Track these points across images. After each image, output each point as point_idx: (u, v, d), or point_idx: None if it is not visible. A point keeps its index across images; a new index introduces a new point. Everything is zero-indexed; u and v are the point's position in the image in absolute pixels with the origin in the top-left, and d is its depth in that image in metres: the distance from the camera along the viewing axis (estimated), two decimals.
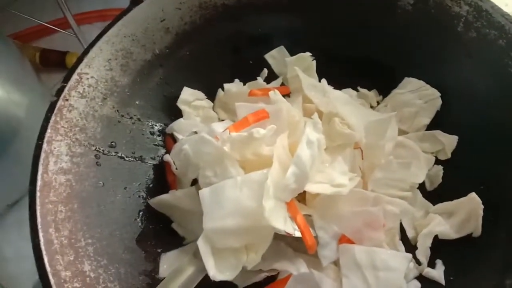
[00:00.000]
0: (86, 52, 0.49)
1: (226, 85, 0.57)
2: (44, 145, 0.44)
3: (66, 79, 0.47)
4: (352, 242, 0.45)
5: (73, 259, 0.42)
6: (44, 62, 0.85)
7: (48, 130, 0.45)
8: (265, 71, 0.60)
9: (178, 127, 0.54)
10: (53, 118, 0.45)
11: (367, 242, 0.44)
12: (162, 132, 0.57)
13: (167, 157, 0.52)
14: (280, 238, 0.46)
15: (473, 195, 0.47)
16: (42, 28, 0.88)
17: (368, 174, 0.49)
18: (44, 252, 0.40)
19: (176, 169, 0.52)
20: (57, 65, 0.85)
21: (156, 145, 0.56)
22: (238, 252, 0.42)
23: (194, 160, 0.48)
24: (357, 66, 0.57)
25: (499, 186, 0.48)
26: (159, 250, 0.50)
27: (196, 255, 0.43)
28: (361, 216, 0.44)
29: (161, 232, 0.52)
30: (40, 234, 0.40)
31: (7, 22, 0.89)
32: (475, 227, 0.47)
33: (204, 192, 0.43)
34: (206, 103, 0.57)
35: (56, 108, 0.46)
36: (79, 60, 0.48)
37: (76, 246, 0.43)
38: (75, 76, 0.47)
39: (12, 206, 0.71)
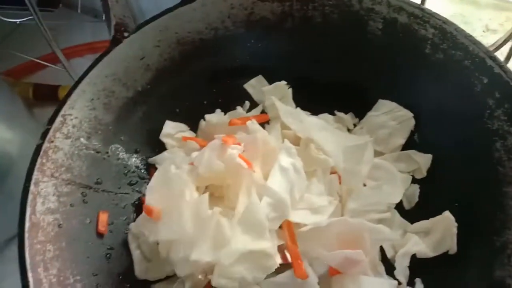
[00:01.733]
0: (68, 94, 0.50)
1: (207, 116, 0.59)
2: (32, 187, 0.45)
3: (51, 122, 0.49)
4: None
5: None
6: (38, 96, 0.87)
7: (35, 172, 0.46)
8: (247, 103, 0.61)
9: (161, 160, 0.56)
10: (39, 160, 0.47)
11: (352, 270, 0.45)
12: (147, 166, 0.58)
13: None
14: None
15: (446, 213, 0.48)
16: (34, 64, 0.90)
17: (346, 198, 0.50)
18: None
19: None
20: (50, 98, 0.87)
21: (141, 178, 0.57)
22: None
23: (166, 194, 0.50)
24: (332, 90, 0.58)
25: (472, 203, 0.49)
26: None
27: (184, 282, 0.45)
28: (343, 256, 0.44)
29: None
30: (29, 275, 0.42)
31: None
32: (451, 245, 0.48)
33: None
34: (189, 134, 0.59)
35: (42, 150, 0.47)
36: (62, 102, 0.50)
37: (65, 284, 0.44)
38: (59, 118, 0.49)
39: (9, 241, 0.73)
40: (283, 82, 0.58)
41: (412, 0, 0.53)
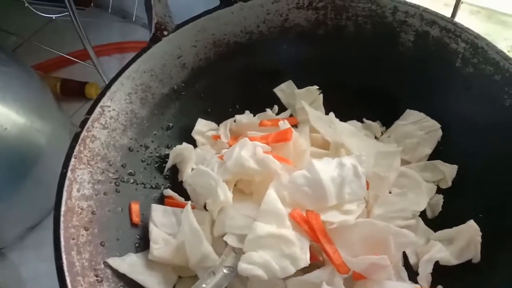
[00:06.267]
0: (108, 86, 0.52)
1: (237, 116, 0.60)
2: (68, 173, 0.47)
3: (90, 112, 0.51)
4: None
5: (93, 281, 0.45)
6: (65, 91, 0.89)
7: (72, 159, 0.48)
8: (276, 107, 0.63)
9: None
10: (77, 148, 0.48)
11: (377, 275, 0.46)
12: None
13: (168, 192, 0.56)
14: None
15: (471, 222, 0.49)
16: (63, 59, 0.93)
17: (372, 204, 0.51)
18: (66, 274, 0.42)
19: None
20: (76, 94, 0.89)
21: (172, 173, 0.59)
22: None
23: (199, 190, 0.52)
24: (360, 98, 0.60)
25: (497, 213, 0.50)
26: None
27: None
28: (368, 262, 0.45)
29: None
30: (63, 257, 0.43)
31: (30, 54, 0.94)
32: (475, 254, 0.48)
33: None
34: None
35: (80, 138, 0.49)
36: (102, 94, 0.52)
37: (96, 269, 0.46)
38: (98, 109, 0.51)
39: (31, 229, 0.74)
40: (315, 87, 0.60)
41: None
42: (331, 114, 0.57)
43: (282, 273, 0.43)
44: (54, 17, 0.84)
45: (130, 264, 0.48)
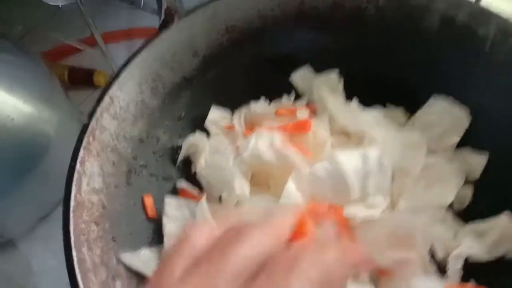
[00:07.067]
0: (117, 75, 0.50)
1: (252, 105, 0.58)
2: (77, 166, 0.45)
3: (98, 101, 0.48)
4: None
5: (106, 278, 0.43)
6: (72, 80, 0.87)
7: (81, 151, 0.45)
8: (292, 94, 0.60)
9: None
10: (85, 139, 0.46)
11: (404, 271, 0.43)
12: None
13: (182, 184, 0.54)
14: None
15: (505, 215, 0.46)
16: (70, 47, 0.91)
17: (397, 197, 0.49)
18: (77, 271, 0.40)
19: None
20: (84, 82, 0.87)
21: (185, 164, 0.57)
22: None
23: (213, 182, 0.50)
24: (383, 85, 0.56)
25: None
26: None
27: None
28: (395, 258, 0.42)
29: None
30: (74, 253, 0.41)
31: (37, 42, 0.92)
32: (509, 249, 0.46)
33: None
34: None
35: (89, 129, 0.47)
36: (111, 83, 0.49)
37: (108, 265, 0.44)
38: (107, 99, 0.48)
39: (41, 220, 0.73)
40: (335, 73, 0.57)
41: None
42: (354, 100, 0.54)
43: None
44: (60, 5, 0.82)
45: (143, 259, 0.46)
